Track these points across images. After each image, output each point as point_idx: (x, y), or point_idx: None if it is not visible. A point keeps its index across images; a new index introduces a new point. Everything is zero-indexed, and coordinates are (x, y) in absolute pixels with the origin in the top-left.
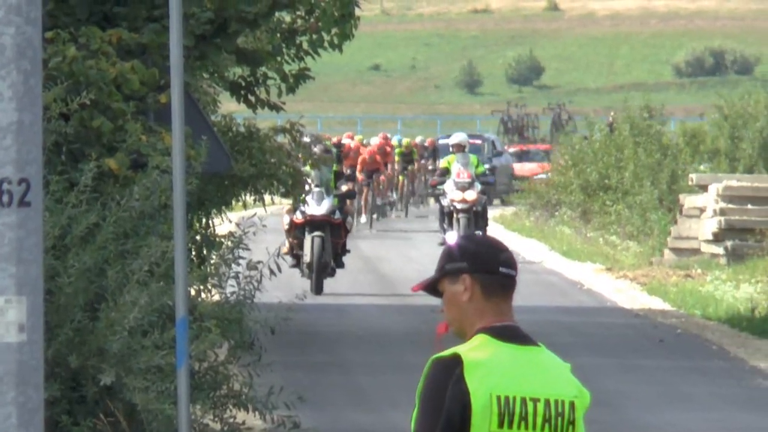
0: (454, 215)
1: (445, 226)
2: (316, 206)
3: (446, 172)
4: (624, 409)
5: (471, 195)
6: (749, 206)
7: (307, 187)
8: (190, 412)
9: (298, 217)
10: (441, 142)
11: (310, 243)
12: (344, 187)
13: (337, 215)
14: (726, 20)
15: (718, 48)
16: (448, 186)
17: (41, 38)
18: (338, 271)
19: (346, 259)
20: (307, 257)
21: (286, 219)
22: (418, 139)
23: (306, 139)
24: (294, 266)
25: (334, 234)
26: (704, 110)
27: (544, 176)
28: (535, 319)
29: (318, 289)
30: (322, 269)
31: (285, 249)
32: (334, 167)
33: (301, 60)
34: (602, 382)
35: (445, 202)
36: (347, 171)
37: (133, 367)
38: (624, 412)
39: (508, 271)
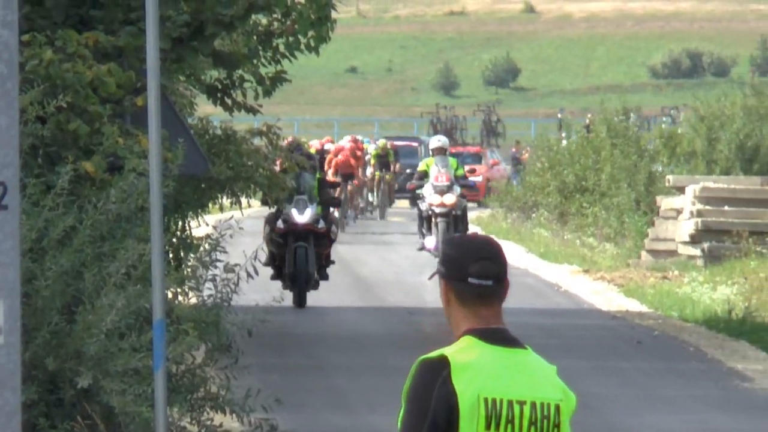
0: (433, 219)
1: (424, 230)
2: (299, 215)
3: (424, 176)
4: (601, 411)
5: (450, 199)
6: (726, 208)
7: (289, 195)
8: (168, 415)
9: (280, 226)
10: (398, 143)
11: (292, 253)
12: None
13: (321, 224)
14: (703, 22)
15: (695, 50)
16: (427, 190)
17: (18, 41)
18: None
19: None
20: (289, 269)
21: (267, 228)
22: (379, 143)
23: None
24: (275, 278)
25: (317, 244)
26: (676, 111)
27: (477, 179)
28: (512, 321)
29: (300, 302)
30: (305, 281)
31: (266, 260)
32: (317, 174)
33: (277, 63)
34: (579, 384)
35: (423, 206)
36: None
37: (110, 370)
38: (601, 414)
39: (478, 281)
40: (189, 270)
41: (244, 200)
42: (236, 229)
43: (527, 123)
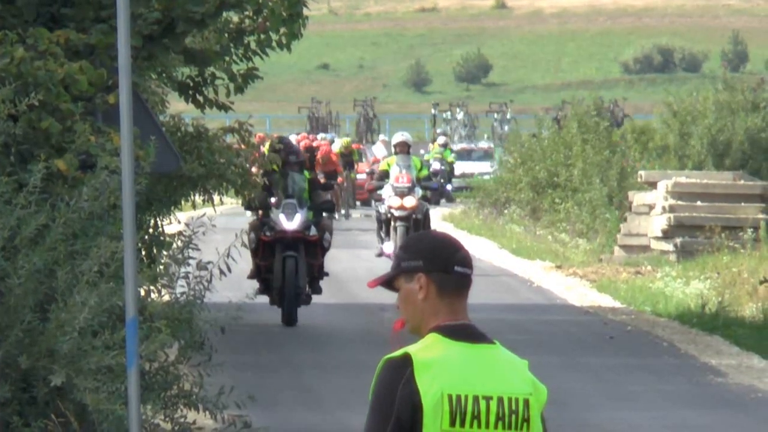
0: (392, 223)
1: (383, 234)
2: (288, 221)
3: (385, 176)
4: (572, 407)
5: (410, 201)
6: (698, 203)
7: (275, 199)
8: (141, 412)
9: (267, 234)
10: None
11: (280, 265)
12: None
13: (313, 231)
14: (674, 17)
15: (666, 45)
16: (386, 191)
17: None
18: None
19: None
20: (277, 282)
21: (252, 236)
22: (343, 141)
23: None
24: (262, 293)
25: (309, 254)
26: (653, 108)
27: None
28: (483, 317)
29: (290, 320)
30: (295, 296)
31: (251, 272)
32: (307, 174)
33: (249, 60)
34: (550, 380)
35: (382, 208)
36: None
37: (83, 368)
38: (572, 410)
39: (463, 270)
40: (162, 267)
41: (216, 197)
42: (209, 226)
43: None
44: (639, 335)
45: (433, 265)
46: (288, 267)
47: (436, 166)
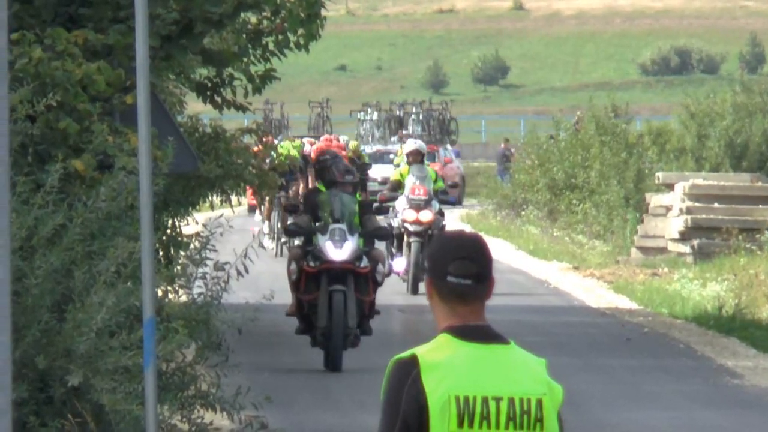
0: (405, 238)
1: (394, 250)
2: (336, 249)
3: (398, 186)
4: (588, 408)
5: (426, 215)
6: (716, 205)
7: (291, 220)
8: (158, 413)
9: (311, 265)
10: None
11: (326, 300)
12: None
13: (364, 262)
14: (692, 19)
15: (684, 47)
16: (400, 203)
17: (7, 40)
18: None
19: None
20: (322, 320)
21: (293, 266)
22: (351, 144)
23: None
24: (303, 332)
25: (359, 288)
26: (671, 109)
27: None
28: (500, 318)
29: (335, 364)
30: (343, 337)
31: (291, 308)
32: (358, 196)
33: (267, 61)
34: (567, 381)
35: (395, 222)
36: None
37: (100, 368)
38: (588, 412)
39: (457, 280)
40: (179, 268)
41: (234, 198)
42: (226, 227)
43: (516, 120)
44: (656, 337)
45: (432, 271)
46: (335, 303)
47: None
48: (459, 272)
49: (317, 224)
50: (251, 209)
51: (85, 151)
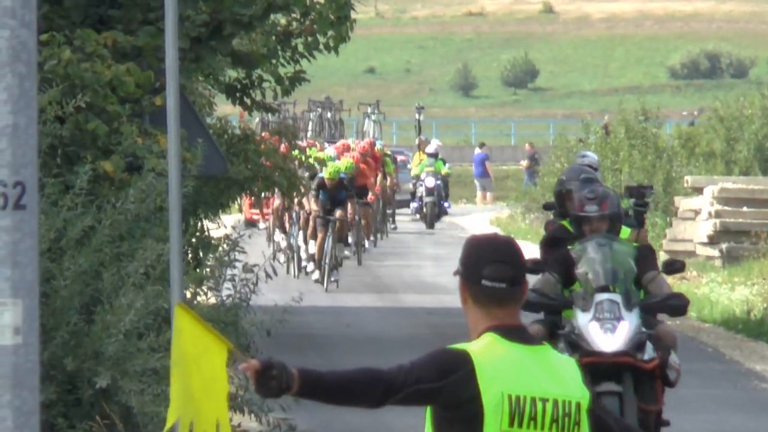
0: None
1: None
2: (605, 334)
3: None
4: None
5: None
6: (744, 208)
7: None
8: None
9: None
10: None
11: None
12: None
13: (649, 352)
14: (721, 23)
15: (714, 51)
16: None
17: (36, 41)
18: (336, 272)
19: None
20: None
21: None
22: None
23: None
24: None
25: (640, 391)
26: (698, 113)
27: None
28: (527, 321)
29: None
30: None
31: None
32: (632, 242)
33: (296, 62)
34: None
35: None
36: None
37: (128, 370)
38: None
39: (492, 284)
40: (208, 270)
41: (234, 207)
42: (255, 229)
43: (546, 124)
44: (684, 341)
45: (467, 275)
46: (609, 409)
47: (429, 181)
48: (494, 276)
49: (572, 292)
50: (249, 224)
51: (114, 153)
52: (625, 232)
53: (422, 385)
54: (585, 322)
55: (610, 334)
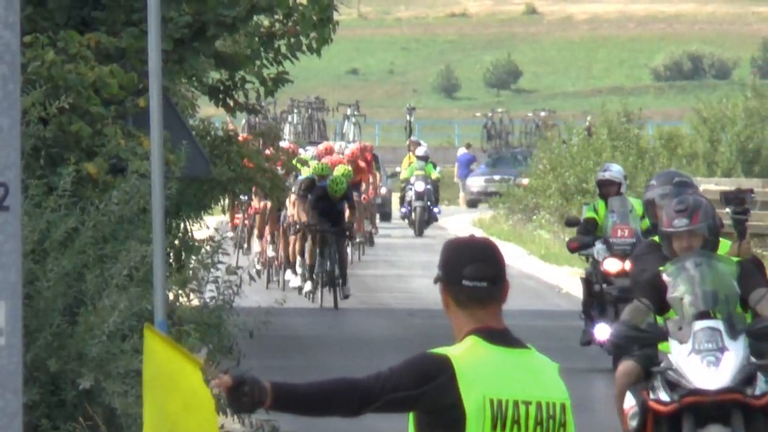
0: (608, 296)
1: (594, 313)
2: (707, 369)
3: (594, 227)
4: (601, 413)
5: None
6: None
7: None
8: None
9: (663, 399)
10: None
11: None
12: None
13: (762, 386)
14: (704, 24)
15: (696, 52)
16: (599, 249)
17: (19, 43)
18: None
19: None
20: None
21: (632, 403)
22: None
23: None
24: None
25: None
26: (683, 114)
27: None
28: (512, 324)
29: None
30: None
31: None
32: (732, 258)
33: (279, 64)
34: (579, 386)
35: (594, 274)
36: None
37: (112, 372)
38: (600, 416)
39: (473, 283)
40: (191, 272)
41: (218, 208)
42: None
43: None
44: None
45: (447, 277)
46: None
47: (419, 185)
48: (474, 275)
49: (667, 320)
50: (235, 229)
51: (98, 155)
52: (725, 245)
53: (400, 393)
54: (683, 356)
55: (713, 368)
